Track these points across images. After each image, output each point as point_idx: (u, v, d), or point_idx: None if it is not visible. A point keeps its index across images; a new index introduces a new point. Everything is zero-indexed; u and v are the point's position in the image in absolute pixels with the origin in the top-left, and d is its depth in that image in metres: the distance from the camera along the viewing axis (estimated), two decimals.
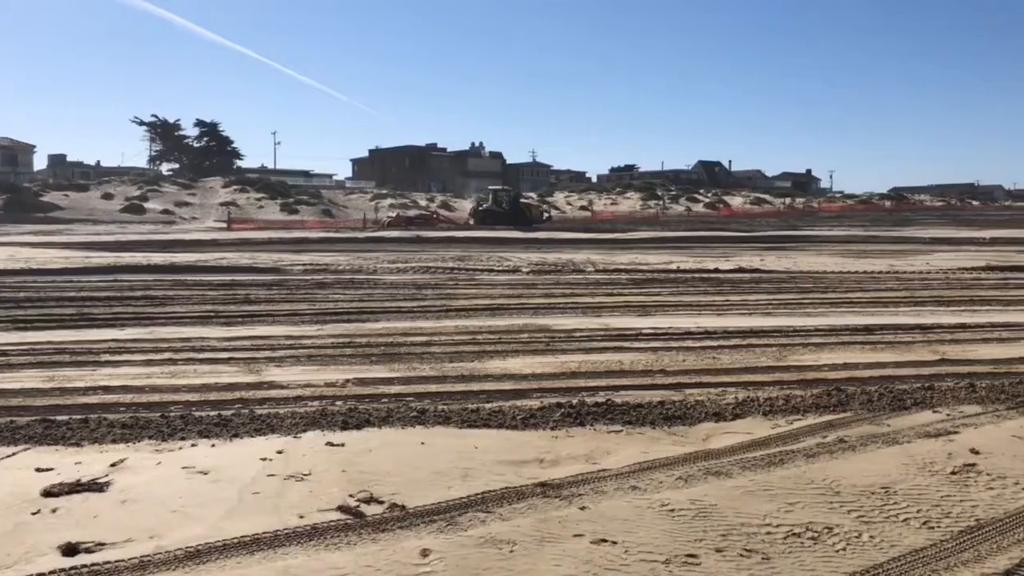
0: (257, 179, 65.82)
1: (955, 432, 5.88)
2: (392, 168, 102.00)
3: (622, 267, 19.24)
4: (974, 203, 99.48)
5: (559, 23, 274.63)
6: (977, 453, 5.38)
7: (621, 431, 5.94)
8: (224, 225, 42.37)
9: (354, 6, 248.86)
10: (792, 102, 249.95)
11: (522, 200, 50.85)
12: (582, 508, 4.38)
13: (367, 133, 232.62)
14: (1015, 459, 5.28)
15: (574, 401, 6.62)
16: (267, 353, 8.60)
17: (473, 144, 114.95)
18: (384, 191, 71.52)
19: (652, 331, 10.16)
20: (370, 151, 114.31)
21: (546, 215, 49.52)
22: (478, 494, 4.56)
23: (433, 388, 7.10)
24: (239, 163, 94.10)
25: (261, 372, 7.71)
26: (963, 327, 10.66)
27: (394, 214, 48.94)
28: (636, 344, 9.36)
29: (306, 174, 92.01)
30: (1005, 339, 9.90)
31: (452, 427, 5.95)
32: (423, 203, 63.15)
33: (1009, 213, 74.07)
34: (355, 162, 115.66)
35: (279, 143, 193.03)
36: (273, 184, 63.15)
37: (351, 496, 4.52)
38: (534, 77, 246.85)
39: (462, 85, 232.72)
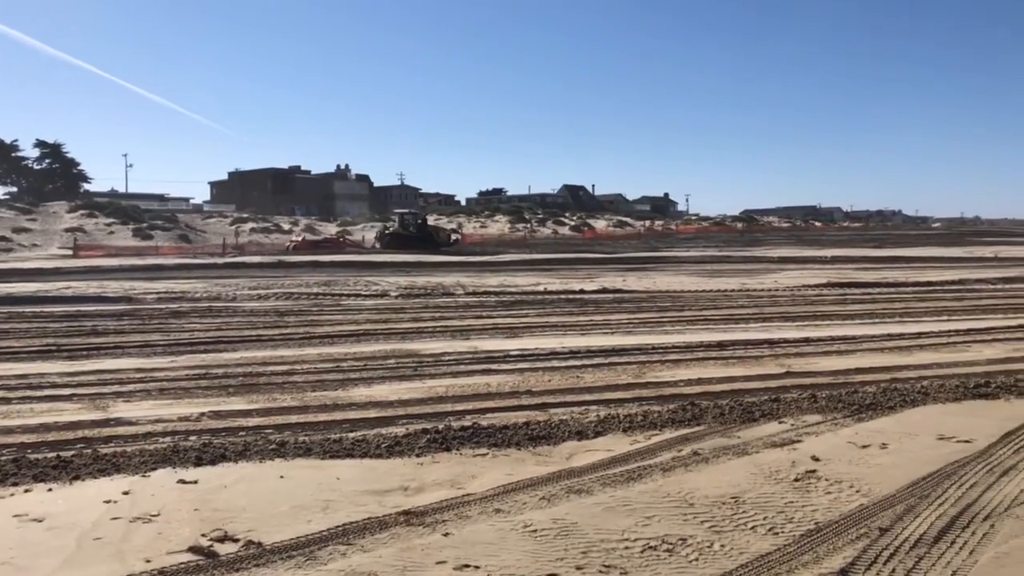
0: (107, 203, 62.07)
1: (798, 441, 6.26)
2: (253, 191, 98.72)
3: (491, 289, 19.40)
4: (817, 224, 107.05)
5: (425, 44, 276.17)
6: (818, 460, 5.73)
7: (487, 454, 5.96)
8: (70, 252, 39.71)
9: (209, 24, 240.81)
10: (650, 128, 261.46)
11: (430, 223, 50.40)
12: (446, 534, 4.35)
13: (226, 155, 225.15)
14: (850, 464, 5.67)
15: (440, 426, 6.60)
16: (115, 388, 8.10)
17: (339, 166, 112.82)
18: (245, 215, 69.13)
19: (519, 352, 10.28)
20: (230, 174, 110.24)
21: (454, 237, 49.45)
22: (339, 526, 4.45)
23: (294, 419, 6.89)
24: (86, 186, 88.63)
25: (107, 408, 7.25)
26: (807, 341, 11.38)
27: (299, 238, 48.04)
28: (504, 366, 9.44)
29: (161, 198, 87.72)
30: (843, 351, 10.63)
31: (313, 459, 5.79)
32: (286, 227, 61.54)
33: (847, 233, 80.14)
34: (214, 185, 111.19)
35: (131, 166, 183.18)
36: (124, 208, 59.72)
37: (204, 536, 4.31)
38: (401, 98, 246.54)
39: (326, 105, 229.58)
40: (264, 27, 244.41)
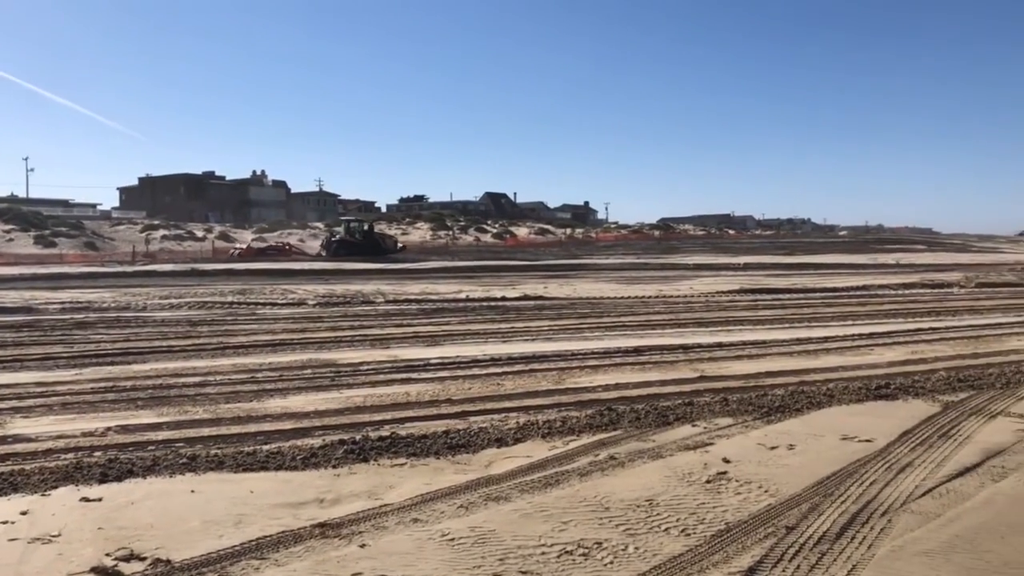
0: (6, 209, 59.17)
1: (711, 443, 6.42)
2: (165, 197, 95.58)
3: (412, 297, 19.30)
4: (731, 232, 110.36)
5: (343, 48, 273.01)
6: (728, 462, 5.90)
7: (405, 464, 5.92)
8: None
9: (119, 24, 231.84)
10: (571, 137, 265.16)
11: (376, 231, 49.91)
12: (362, 546, 4.30)
13: (137, 160, 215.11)
14: (759, 465, 5.86)
15: (358, 437, 6.52)
16: (12, 403, 7.72)
17: (255, 172, 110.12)
18: (156, 222, 66.94)
19: (440, 361, 10.25)
20: (140, 179, 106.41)
21: (400, 245, 49.29)
22: (252, 541, 4.35)
23: (206, 432, 6.70)
24: None
25: (4, 425, 6.91)
26: (720, 346, 11.69)
27: (244, 246, 47.53)
28: (424, 375, 9.39)
29: (65, 203, 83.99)
30: (754, 355, 10.96)
31: (226, 472, 5.64)
32: (200, 234, 59.88)
33: (759, 241, 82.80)
34: (123, 191, 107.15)
35: (32, 170, 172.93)
36: (25, 215, 57.13)
37: (108, 555, 4.15)
38: (318, 103, 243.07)
39: (241, 110, 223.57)
40: (176, 29, 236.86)
